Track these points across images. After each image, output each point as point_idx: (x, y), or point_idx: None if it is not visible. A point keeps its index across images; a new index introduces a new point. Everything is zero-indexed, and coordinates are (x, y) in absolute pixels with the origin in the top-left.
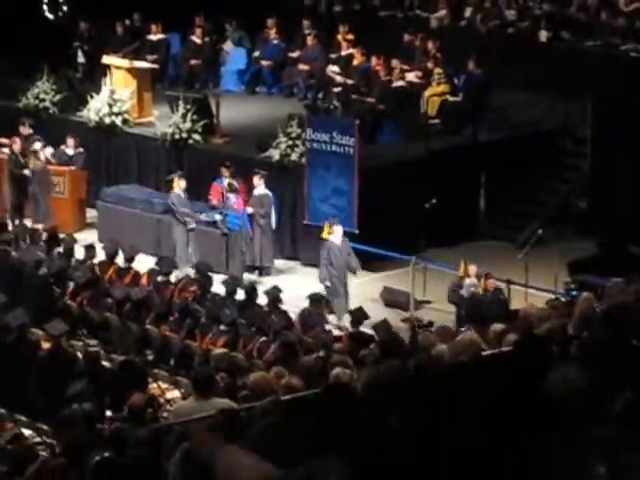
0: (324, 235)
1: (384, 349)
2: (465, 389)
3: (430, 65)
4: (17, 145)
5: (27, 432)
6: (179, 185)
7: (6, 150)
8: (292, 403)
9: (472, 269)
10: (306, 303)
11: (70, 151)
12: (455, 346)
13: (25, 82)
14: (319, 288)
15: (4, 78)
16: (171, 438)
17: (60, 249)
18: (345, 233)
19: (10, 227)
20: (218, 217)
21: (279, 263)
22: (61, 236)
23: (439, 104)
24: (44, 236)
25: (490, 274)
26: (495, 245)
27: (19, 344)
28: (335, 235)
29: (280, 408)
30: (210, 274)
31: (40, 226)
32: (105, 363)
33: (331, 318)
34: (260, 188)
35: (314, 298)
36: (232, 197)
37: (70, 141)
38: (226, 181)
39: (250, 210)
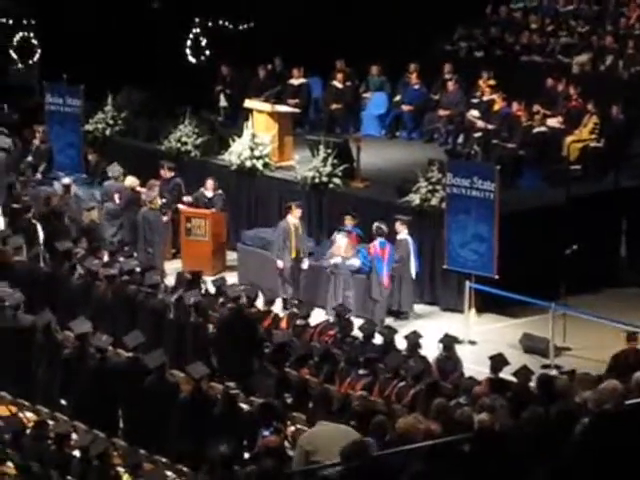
0: None
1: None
2: (611, 438)
3: (586, 118)
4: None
5: (168, 474)
6: (294, 214)
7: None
8: (435, 449)
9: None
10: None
11: (209, 193)
12: (599, 394)
13: (168, 125)
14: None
15: (147, 121)
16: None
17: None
18: (485, 278)
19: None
20: (357, 263)
21: (418, 308)
22: (212, 278)
23: (580, 150)
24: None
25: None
26: (636, 292)
27: (158, 385)
28: None
29: (424, 455)
30: (350, 318)
31: (183, 269)
32: (244, 405)
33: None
34: (402, 234)
35: (446, 343)
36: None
37: (209, 183)
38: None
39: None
